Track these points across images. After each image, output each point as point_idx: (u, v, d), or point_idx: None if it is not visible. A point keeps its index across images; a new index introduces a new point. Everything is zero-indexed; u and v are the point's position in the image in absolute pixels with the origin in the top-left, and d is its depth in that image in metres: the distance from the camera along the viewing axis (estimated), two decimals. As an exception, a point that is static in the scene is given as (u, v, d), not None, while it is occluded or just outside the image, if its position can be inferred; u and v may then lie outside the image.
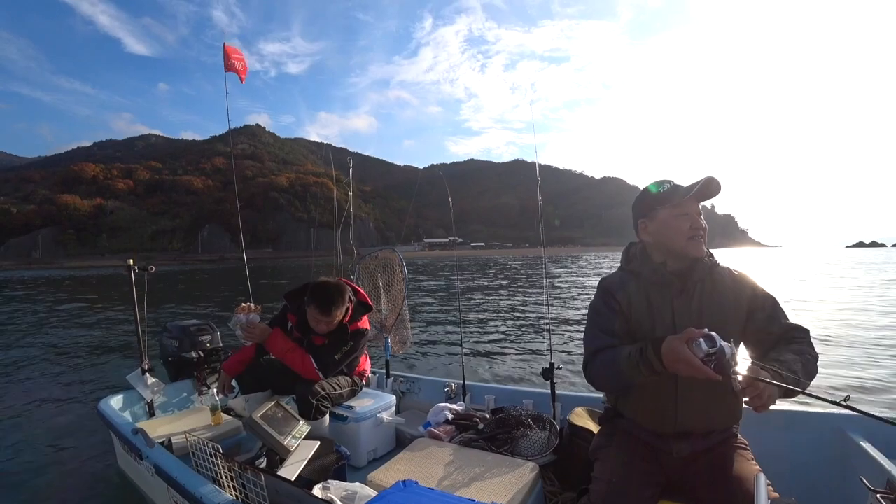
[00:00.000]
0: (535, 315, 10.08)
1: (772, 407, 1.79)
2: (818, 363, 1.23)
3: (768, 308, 1.33)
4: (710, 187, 1.28)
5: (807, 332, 1.30)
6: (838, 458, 1.72)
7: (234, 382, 2.41)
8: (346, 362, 2.33)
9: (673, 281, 1.34)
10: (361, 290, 2.45)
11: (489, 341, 7.30)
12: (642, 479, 1.28)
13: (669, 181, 1.36)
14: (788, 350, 1.22)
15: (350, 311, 2.29)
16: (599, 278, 1.52)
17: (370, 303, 2.44)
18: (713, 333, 1.05)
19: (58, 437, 3.42)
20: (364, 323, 2.39)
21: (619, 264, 1.51)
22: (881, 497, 1.20)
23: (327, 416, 2.30)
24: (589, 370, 1.36)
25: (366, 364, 2.63)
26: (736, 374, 1.04)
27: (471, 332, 7.99)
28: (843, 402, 0.93)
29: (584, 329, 1.43)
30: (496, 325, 8.77)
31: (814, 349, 1.26)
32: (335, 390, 2.28)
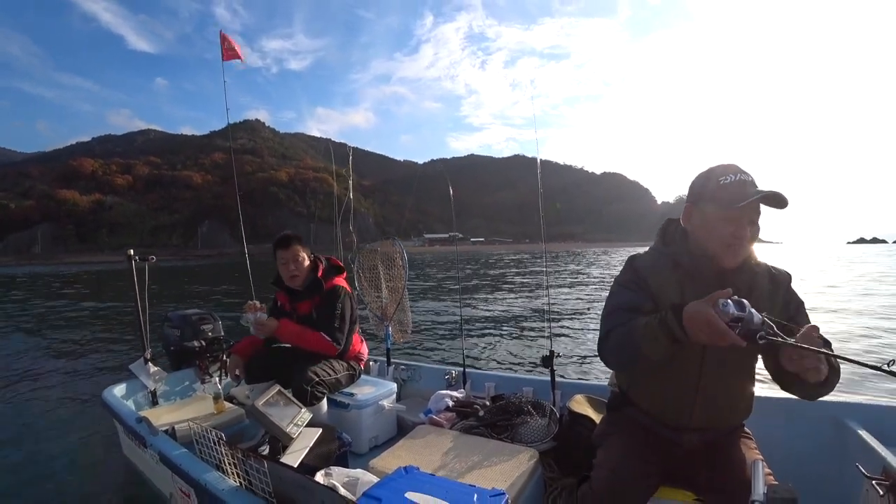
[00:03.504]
0: (534, 304, 10.11)
1: (770, 395, 1.80)
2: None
3: (792, 310, 1.27)
4: (774, 200, 1.15)
5: (828, 342, 1.20)
6: (835, 445, 1.75)
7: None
8: (348, 326, 2.41)
9: (713, 278, 1.22)
10: (332, 257, 2.61)
11: (490, 329, 7.34)
12: (645, 468, 1.27)
13: (737, 174, 1.17)
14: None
15: (322, 269, 2.45)
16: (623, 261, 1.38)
17: (341, 265, 2.60)
18: (744, 300, 0.97)
19: (62, 426, 3.45)
20: (339, 281, 2.49)
21: (622, 259, 1.43)
22: (876, 483, 1.21)
23: (324, 402, 2.33)
24: (604, 346, 1.27)
25: (362, 347, 2.64)
26: (764, 338, 0.94)
27: (471, 321, 8.01)
28: (885, 368, 0.86)
29: (586, 317, 1.38)
30: (496, 314, 8.81)
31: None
32: (329, 375, 2.31)
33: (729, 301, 0.95)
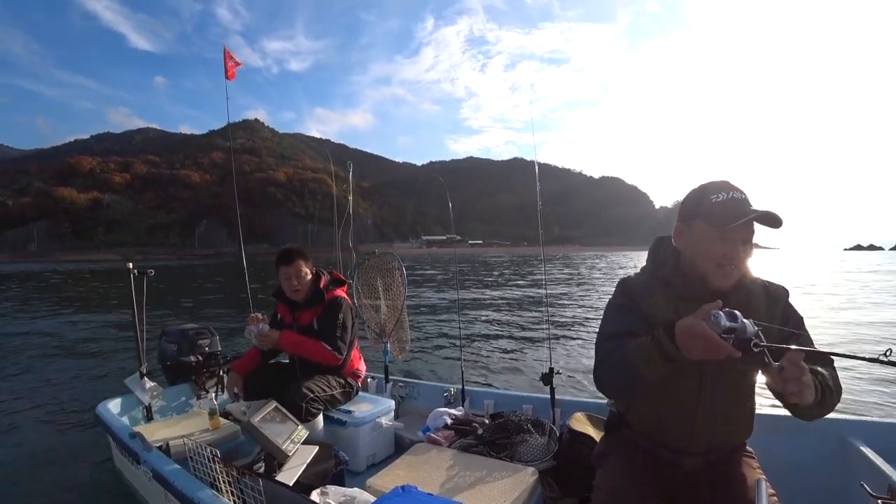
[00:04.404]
0: (534, 319, 10.05)
1: (773, 412, 1.78)
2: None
3: (791, 326, 1.21)
4: (767, 220, 1.11)
5: (831, 360, 1.18)
6: (839, 463, 1.73)
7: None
8: (349, 336, 2.43)
9: (707, 299, 1.17)
10: (334, 271, 2.65)
11: (488, 346, 7.25)
12: (644, 490, 1.25)
13: (729, 191, 1.14)
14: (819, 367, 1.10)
15: (324, 281, 2.47)
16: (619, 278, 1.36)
17: (343, 278, 2.63)
18: (735, 311, 0.95)
19: (55, 441, 3.39)
20: (341, 293, 2.52)
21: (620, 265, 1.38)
22: (882, 503, 1.19)
23: (320, 419, 2.31)
24: (599, 373, 1.25)
25: (359, 364, 2.62)
26: (759, 346, 0.93)
27: (470, 337, 7.93)
28: (882, 358, 0.83)
29: (586, 333, 1.35)
30: (495, 330, 8.72)
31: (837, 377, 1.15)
32: (325, 392, 2.30)
33: (720, 312, 0.94)
